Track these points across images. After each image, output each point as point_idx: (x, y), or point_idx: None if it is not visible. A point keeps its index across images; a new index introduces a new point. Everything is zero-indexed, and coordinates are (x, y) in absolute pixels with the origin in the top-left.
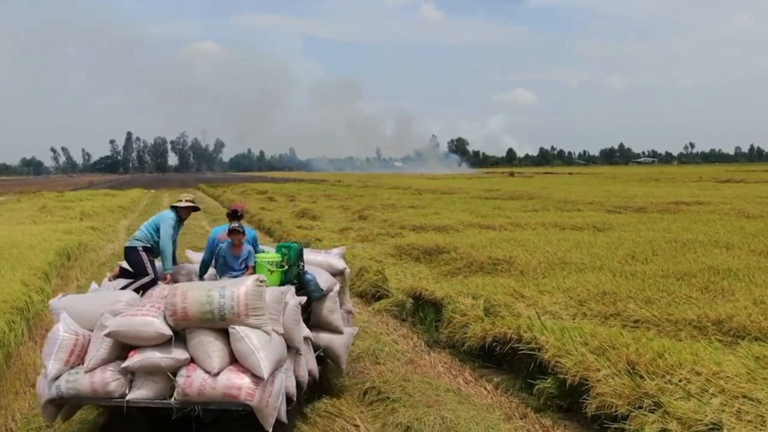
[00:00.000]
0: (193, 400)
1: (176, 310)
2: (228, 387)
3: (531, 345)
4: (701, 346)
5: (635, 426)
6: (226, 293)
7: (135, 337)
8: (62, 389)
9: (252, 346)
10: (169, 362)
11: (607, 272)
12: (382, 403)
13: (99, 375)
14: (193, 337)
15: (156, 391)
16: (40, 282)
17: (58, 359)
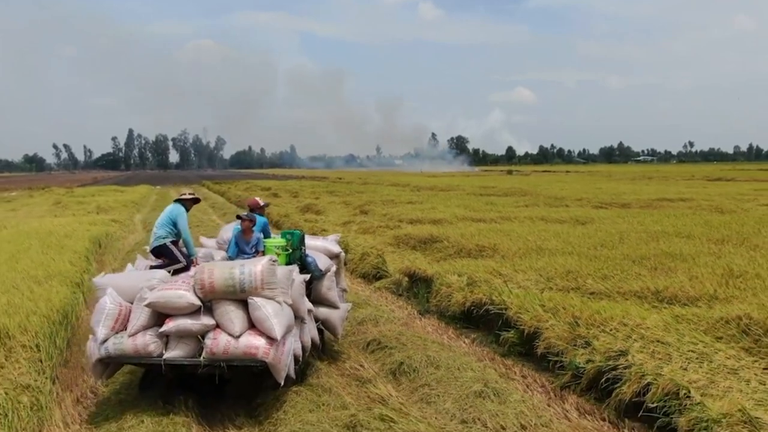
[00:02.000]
0: (219, 358)
1: (204, 285)
2: (248, 347)
3: (499, 306)
4: (632, 306)
5: (569, 357)
6: (245, 270)
7: (170, 307)
8: (110, 350)
9: (267, 313)
10: (198, 327)
11: (576, 256)
12: (381, 351)
13: (140, 338)
14: (218, 306)
15: (187, 351)
16: (84, 263)
17: (105, 326)
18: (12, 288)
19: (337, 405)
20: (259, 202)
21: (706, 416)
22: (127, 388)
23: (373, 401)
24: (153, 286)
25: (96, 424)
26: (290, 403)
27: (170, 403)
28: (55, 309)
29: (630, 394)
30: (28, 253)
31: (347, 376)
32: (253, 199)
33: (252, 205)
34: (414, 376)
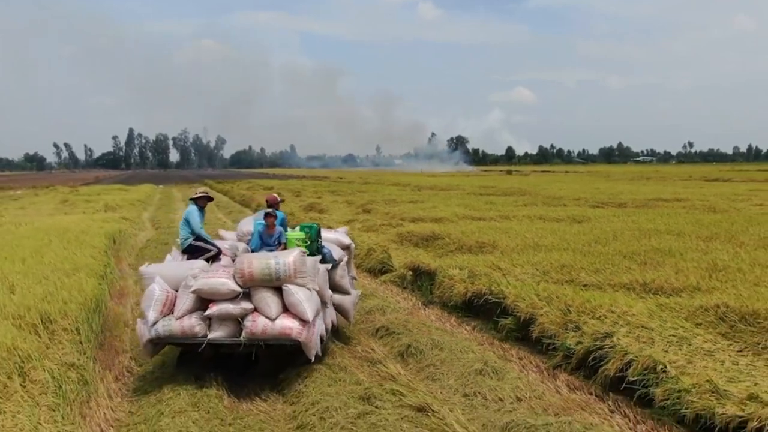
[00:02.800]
0: (257, 338)
1: (244, 273)
2: (283, 328)
3: (498, 295)
4: (620, 296)
5: (561, 340)
6: (280, 261)
7: (214, 293)
8: (160, 331)
9: (300, 299)
10: (239, 311)
11: (571, 252)
12: (389, 336)
13: (187, 321)
14: (256, 293)
15: (228, 332)
16: (104, 258)
17: (155, 310)
18: (43, 279)
19: (352, 381)
20: (277, 198)
21: (679, 387)
22: (160, 367)
23: (383, 378)
24: (196, 274)
25: (137, 398)
26: (310, 378)
27: (202, 379)
28: (88, 298)
29: (614, 370)
30: (49, 247)
31: (359, 357)
32: (272, 196)
33: (271, 201)
34: (420, 357)
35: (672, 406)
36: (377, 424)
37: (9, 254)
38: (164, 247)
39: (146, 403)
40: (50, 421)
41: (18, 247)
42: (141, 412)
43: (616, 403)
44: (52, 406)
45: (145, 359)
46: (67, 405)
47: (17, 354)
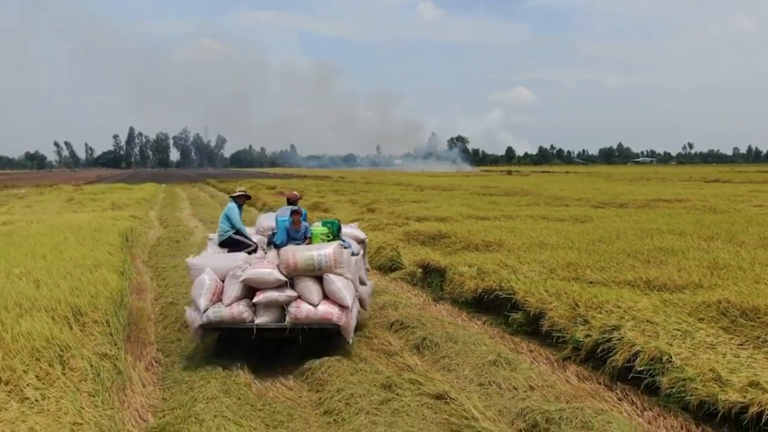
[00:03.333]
0: (301, 323)
1: (289, 264)
2: (325, 313)
3: (508, 291)
4: (625, 292)
5: (570, 333)
6: (321, 253)
7: (261, 282)
8: (211, 317)
9: (339, 287)
10: (284, 298)
11: (576, 250)
12: (404, 330)
13: (236, 307)
14: (299, 282)
15: (272, 317)
16: (121, 254)
17: (205, 298)
18: (67, 274)
19: (372, 371)
20: (298, 196)
21: (684, 376)
22: (187, 358)
23: (401, 369)
24: (240, 266)
25: (168, 386)
26: (333, 368)
27: (230, 368)
28: (114, 292)
29: (621, 361)
30: (67, 244)
31: (377, 350)
32: (293, 193)
33: (293, 198)
34: (435, 349)
35: (677, 394)
36: (400, 410)
37: (29, 251)
38: (176, 244)
39: (178, 390)
40: (91, 406)
41: (36, 244)
42: (174, 399)
43: (624, 392)
44: (92, 393)
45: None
46: (106, 391)
47: (56, 344)
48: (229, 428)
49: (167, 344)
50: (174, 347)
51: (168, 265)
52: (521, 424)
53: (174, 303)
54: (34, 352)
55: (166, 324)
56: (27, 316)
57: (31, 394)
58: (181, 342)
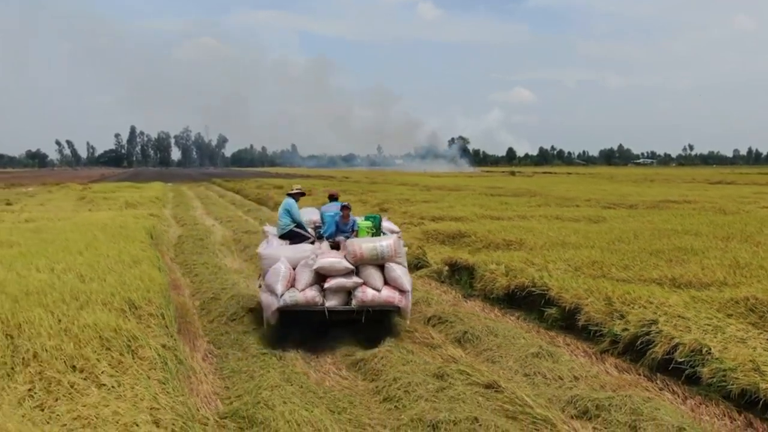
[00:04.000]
0: (367, 305)
1: (356, 254)
2: (388, 297)
3: (542, 288)
4: (656, 289)
5: (608, 327)
6: (383, 244)
7: (332, 270)
8: (287, 301)
9: (399, 274)
10: (351, 284)
11: (597, 249)
12: (442, 324)
13: (308, 292)
14: (364, 269)
15: (340, 301)
16: (153, 251)
17: (282, 284)
18: (110, 270)
19: (421, 362)
20: (337, 193)
21: (724, 366)
22: (240, 350)
23: (447, 360)
24: (309, 256)
25: (228, 375)
26: (386, 359)
27: (284, 359)
28: (161, 287)
29: (661, 353)
30: (99, 241)
31: (419, 343)
32: (334, 191)
33: (334, 195)
34: (477, 342)
35: (718, 383)
36: (456, 397)
37: (64, 247)
38: (200, 242)
39: (239, 379)
40: (163, 392)
41: (68, 240)
42: (238, 387)
43: (664, 382)
44: (161, 380)
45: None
46: (174, 379)
47: (123, 334)
48: (300, 413)
49: (217, 337)
50: (224, 339)
51: (197, 262)
52: (572, 410)
53: (215, 298)
54: (103, 342)
55: (212, 318)
56: (87, 309)
57: (107, 381)
58: (230, 335)
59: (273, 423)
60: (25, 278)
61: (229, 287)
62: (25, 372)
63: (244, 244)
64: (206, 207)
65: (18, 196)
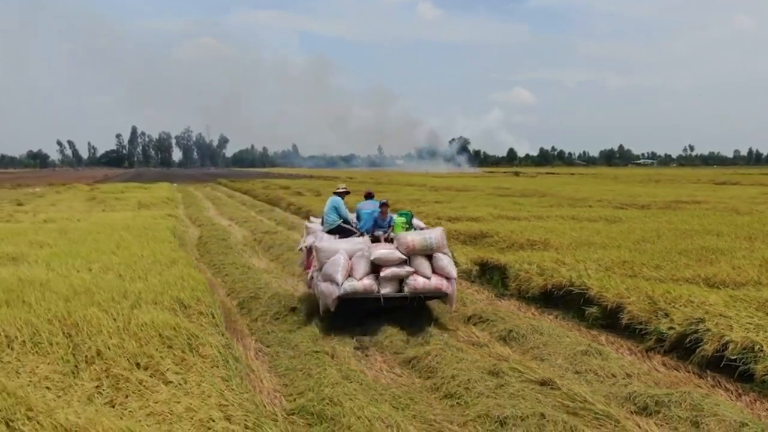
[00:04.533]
0: (418, 292)
1: (409, 245)
2: (437, 284)
3: (581, 287)
4: (694, 289)
5: (653, 326)
6: (432, 236)
7: (387, 260)
8: (347, 290)
9: (446, 263)
10: (404, 273)
11: (624, 249)
12: (483, 323)
13: (365, 281)
14: (414, 260)
15: (393, 288)
16: (184, 252)
17: (341, 274)
18: (149, 270)
19: (472, 360)
20: (373, 192)
21: None
22: (290, 348)
23: (497, 358)
24: (364, 248)
25: (283, 373)
26: (439, 357)
27: (336, 357)
28: (205, 286)
29: (711, 351)
30: (126, 242)
31: (465, 341)
32: (370, 190)
33: (370, 193)
34: (522, 340)
35: None
36: (515, 394)
37: (95, 248)
38: (223, 242)
39: (296, 377)
40: (228, 389)
41: (98, 241)
42: (297, 384)
43: (715, 379)
44: (224, 378)
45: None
46: (236, 377)
47: (183, 332)
48: (370, 409)
49: (263, 335)
50: (271, 338)
51: (225, 263)
52: (631, 406)
53: (255, 297)
54: (164, 340)
55: (254, 317)
56: (140, 308)
57: (173, 378)
58: (276, 334)
59: (344, 419)
60: (67, 278)
61: (263, 286)
62: (90, 369)
63: (267, 244)
64: (218, 208)
65: (27, 197)
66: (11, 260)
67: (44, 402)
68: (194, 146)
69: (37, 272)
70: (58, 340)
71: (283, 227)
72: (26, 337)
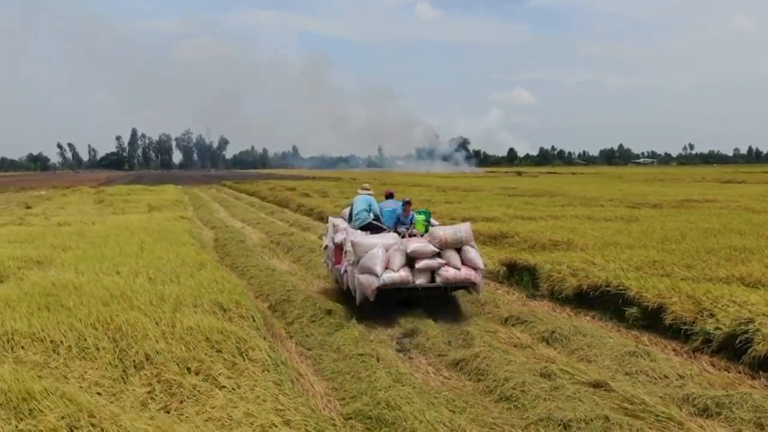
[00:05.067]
0: (450, 282)
1: (441, 239)
2: (466, 275)
3: (619, 288)
4: (733, 288)
5: (699, 326)
6: (461, 229)
7: (422, 253)
8: (385, 281)
9: (474, 255)
10: (437, 265)
11: (651, 249)
12: (522, 324)
13: (402, 272)
14: (445, 252)
15: (426, 279)
16: (207, 254)
17: (380, 266)
18: (179, 273)
19: (520, 362)
20: (393, 192)
21: None
22: (333, 351)
23: (544, 360)
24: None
25: (330, 377)
26: (488, 359)
27: (382, 360)
28: (240, 289)
29: (764, 351)
30: (148, 245)
31: (507, 343)
32: (390, 190)
33: (391, 193)
34: (565, 342)
35: None
36: (572, 396)
37: (119, 251)
38: (241, 245)
39: (345, 381)
40: (281, 394)
41: (119, 244)
42: (348, 388)
43: None
44: (276, 382)
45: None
46: (288, 381)
47: (230, 336)
48: (429, 413)
49: (303, 338)
50: (311, 341)
51: (247, 265)
52: (690, 408)
53: (287, 300)
54: (213, 344)
55: (290, 320)
56: (181, 312)
57: (226, 383)
58: (315, 336)
59: (406, 423)
60: (99, 281)
61: (292, 289)
62: (139, 375)
63: (285, 246)
64: (227, 209)
65: (34, 200)
66: (37, 264)
67: (104, 408)
68: (194, 148)
69: (67, 276)
70: (103, 344)
71: (297, 229)
72: (72, 342)
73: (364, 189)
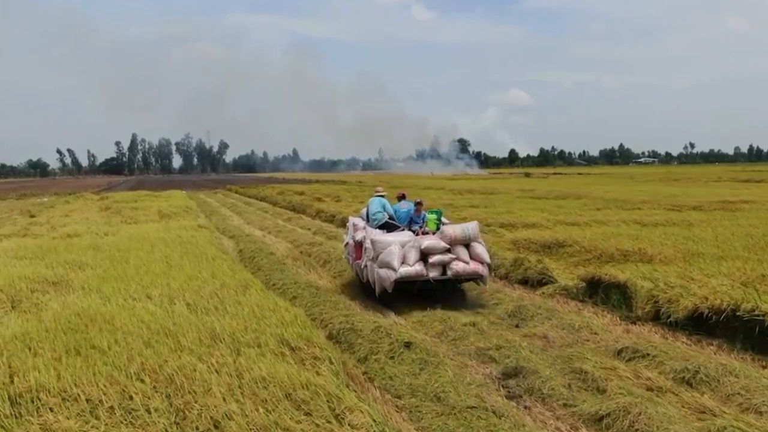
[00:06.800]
0: (460, 275)
1: (452, 237)
2: (474, 268)
3: (754, 312)
4: None
5: None
6: (469, 227)
7: (435, 249)
8: (402, 275)
9: (481, 250)
10: (448, 259)
11: (749, 261)
12: (644, 359)
13: (417, 266)
14: (455, 248)
15: (438, 272)
16: (245, 272)
17: (397, 261)
18: (221, 298)
19: (678, 416)
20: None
21: None
22: (426, 399)
23: (698, 412)
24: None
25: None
26: (640, 414)
27: (501, 414)
28: (303, 320)
29: None
30: (172, 261)
31: (639, 386)
32: (403, 191)
33: (403, 194)
34: (715, 384)
35: None
36: None
37: (145, 270)
38: (270, 257)
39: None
40: None
41: (142, 260)
42: None
43: None
44: None
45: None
46: None
47: (319, 392)
48: None
49: (386, 382)
50: (398, 386)
51: (286, 282)
52: None
53: (352, 329)
54: (299, 405)
55: (362, 355)
56: (244, 353)
57: None
58: (400, 378)
59: None
60: (130, 310)
61: (351, 314)
62: None
63: (319, 258)
64: (241, 216)
65: (37, 208)
66: (52, 285)
67: None
68: (194, 152)
69: (92, 303)
70: (155, 404)
71: (322, 237)
72: (114, 401)
73: (377, 192)
